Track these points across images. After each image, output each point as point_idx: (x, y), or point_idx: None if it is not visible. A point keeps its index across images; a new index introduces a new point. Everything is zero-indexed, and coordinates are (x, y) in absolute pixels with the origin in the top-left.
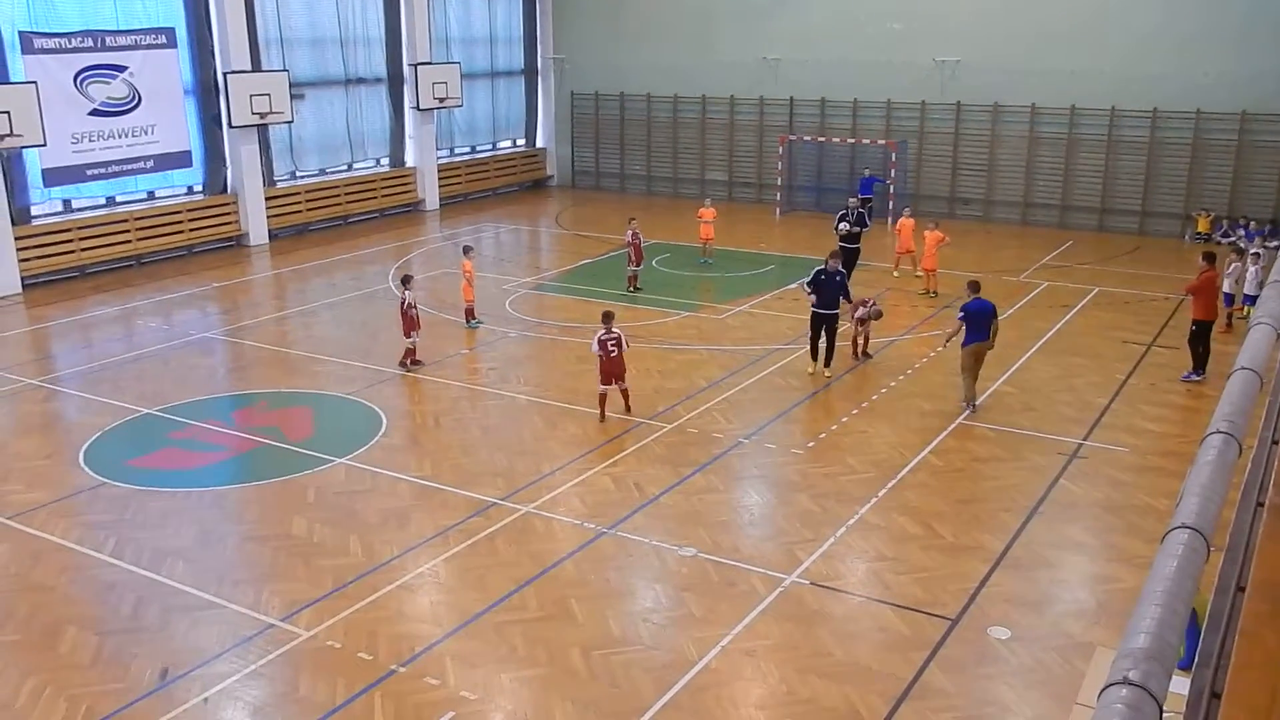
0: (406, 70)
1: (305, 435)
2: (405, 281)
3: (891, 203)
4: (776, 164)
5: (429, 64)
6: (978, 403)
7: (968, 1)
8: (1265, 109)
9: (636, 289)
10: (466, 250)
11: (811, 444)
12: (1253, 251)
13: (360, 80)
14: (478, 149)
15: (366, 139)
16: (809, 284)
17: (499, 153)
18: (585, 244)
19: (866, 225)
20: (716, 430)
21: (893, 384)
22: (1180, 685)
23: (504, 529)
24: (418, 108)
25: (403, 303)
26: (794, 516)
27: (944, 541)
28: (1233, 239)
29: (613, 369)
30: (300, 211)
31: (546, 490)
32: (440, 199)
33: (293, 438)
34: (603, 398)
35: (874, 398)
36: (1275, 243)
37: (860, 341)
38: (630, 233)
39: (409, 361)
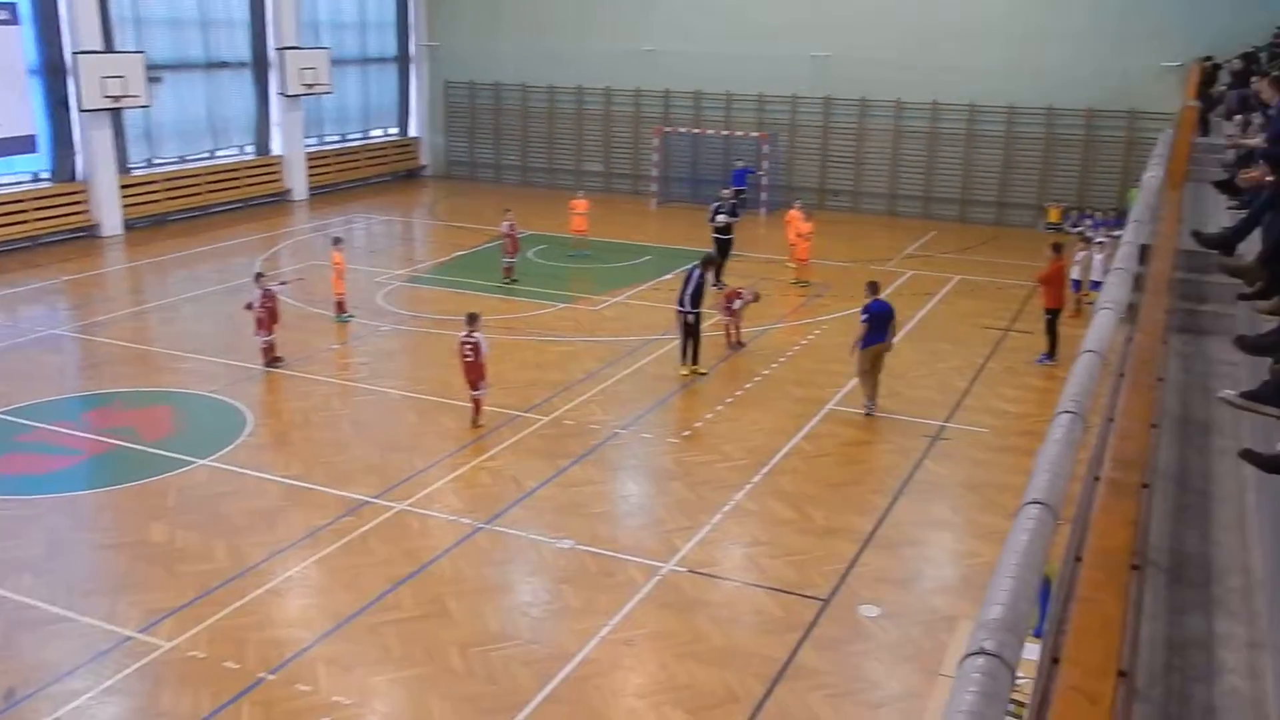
0: (272, 54)
1: (163, 435)
2: (257, 279)
3: (764, 194)
4: (652, 155)
5: (296, 48)
6: (876, 405)
7: None
8: (1109, 106)
9: (513, 281)
10: (337, 242)
11: (687, 433)
12: (1098, 241)
13: (223, 64)
14: (348, 137)
15: (230, 125)
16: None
17: (371, 141)
18: (460, 235)
19: (737, 216)
20: (593, 421)
21: (766, 372)
22: (1033, 651)
23: (377, 527)
24: (284, 94)
25: (249, 303)
26: (671, 505)
27: (816, 524)
28: (1080, 229)
29: (465, 374)
30: (158, 201)
31: (421, 486)
32: (309, 189)
33: (150, 438)
34: (475, 403)
35: (748, 386)
36: (1119, 232)
37: (734, 331)
38: (506, 224)
39: (269, 359)
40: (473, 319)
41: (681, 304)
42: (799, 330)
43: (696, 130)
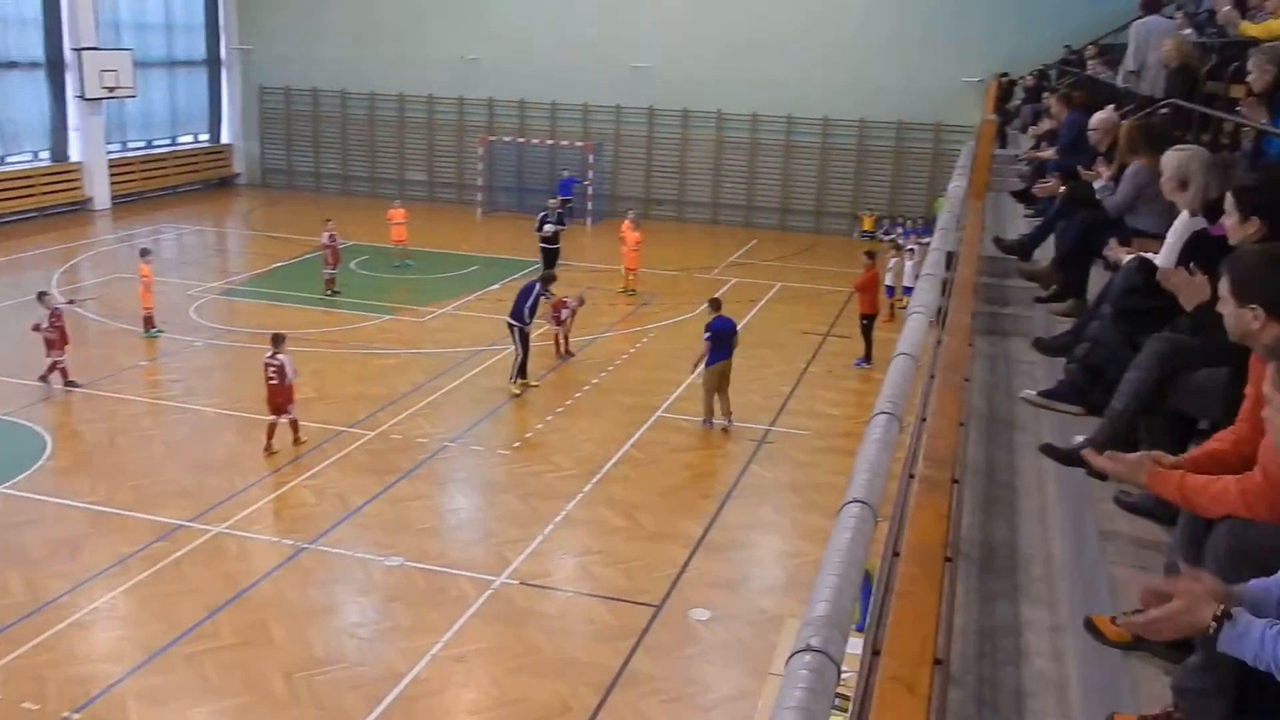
0: (69, 55)
1: None
2: (40, 298)
3: (590, 204)
4: (477, 164)
5: (95, 49)
6: (732, 419)
7: (659, 10)
8: (917, 119)
9: (334, 292)
10: (144, 253)
11: (517, 444)
12: (909, 248)
13: (13, 64)
14: (155, 143)
15: (21, 130)
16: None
17: (180, 148)
18: (278, 246)
19: (564, 225)
20: (421, 435)
21: (595, 381)
22: (857, 646)
23: (193, 552)
24: (83, 97)
25: (36, 324)
26: (502, 517)
27: (647, 531)
28: (892, 236)
29: (272, 398)
30: None
31: (240, 508)
32: (112, 197)
33: None
34: (270, 428)
35: (577, 395)
36: (928, 239)
37: (562, 341)
38: (326, 234)
39: (64, 381)
40: (278, 339)
41: (520, 319)
42: (627, 339)
43: (521, 139)
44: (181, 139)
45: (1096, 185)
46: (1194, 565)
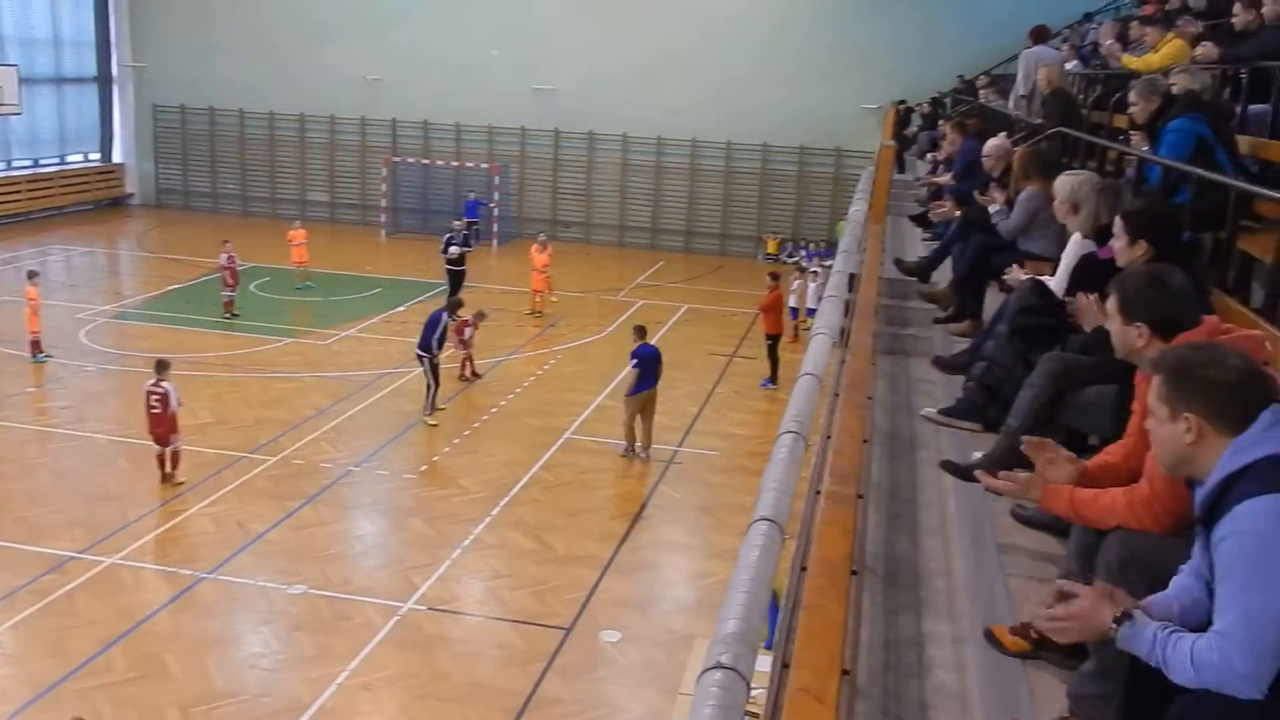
0: None
1: None
2: None
3: (496, 225)
4: (380, 185)
5: None
6: (650, 450)
7: (563, 33)
8: (818, 144)
9: (234, 315)
10: (31, 275)
11: (424, 468)
12: (812, 270)
13: None
14: (42, 162)
15: None
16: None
17: (68, 167)
18: (174, 268)
19: (470, 247)
20: (325, 460)
21: (503, 403)
22: (765, 663)
23: (85, 584)
24: None
25: None
26: (408, 542)
27: (556, 553)
28: (796, 259)
29: (154, 427)
30: None
31: (135, 537)
32: None
33: None
34: (159, 458)
35: (485, 418)
36: (830, 262)
37: (468, 364)
38: (225, 255)
39: None
40: (161, 366)
41: (429, 349)
42: (535, 361)
43: (426, 161)
44: (71, 158)
45: (991, 210)
46: (1086, 575)
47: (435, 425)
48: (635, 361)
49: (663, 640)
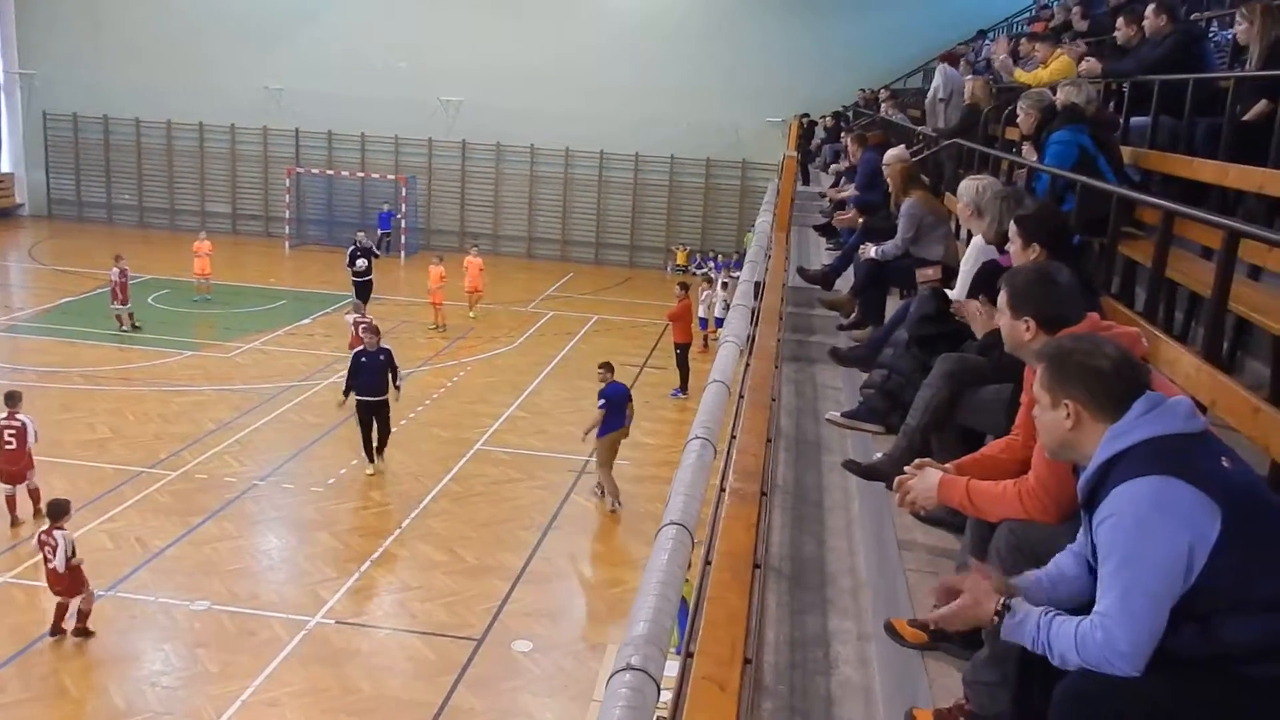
0: None
1: None
2: None
3: (404, 236)
4: (284, 196)
5: None
6: (619, 501)
7: (468, 44)
8: (725, 157)
9: (135, 327)
10: None
11: (332, 480)
12: (721, 281)
13: None
14: None
15: None
16: (350, 372)
17: None
18: (67, 280)
19: (377, 256)
20: (229, 474)
21: (412, 415)
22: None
23: None
24: None
25: None
26: (316, 556)
27: (467, 564)
28: (705, 270)
29: (9, 464)
30: None
31: (28, 555)
32: None
33: None
34: (9, 500)
35: (393, 429)
36: (738, 272)
37: None
38: (116, 270)
39: None
40: (12, 399)
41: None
42: (443, 373)
43: (330, 172)
44: None
45: (873, 253)
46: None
47: (374, 474)
48: (602, 402)
49: (574, 649)
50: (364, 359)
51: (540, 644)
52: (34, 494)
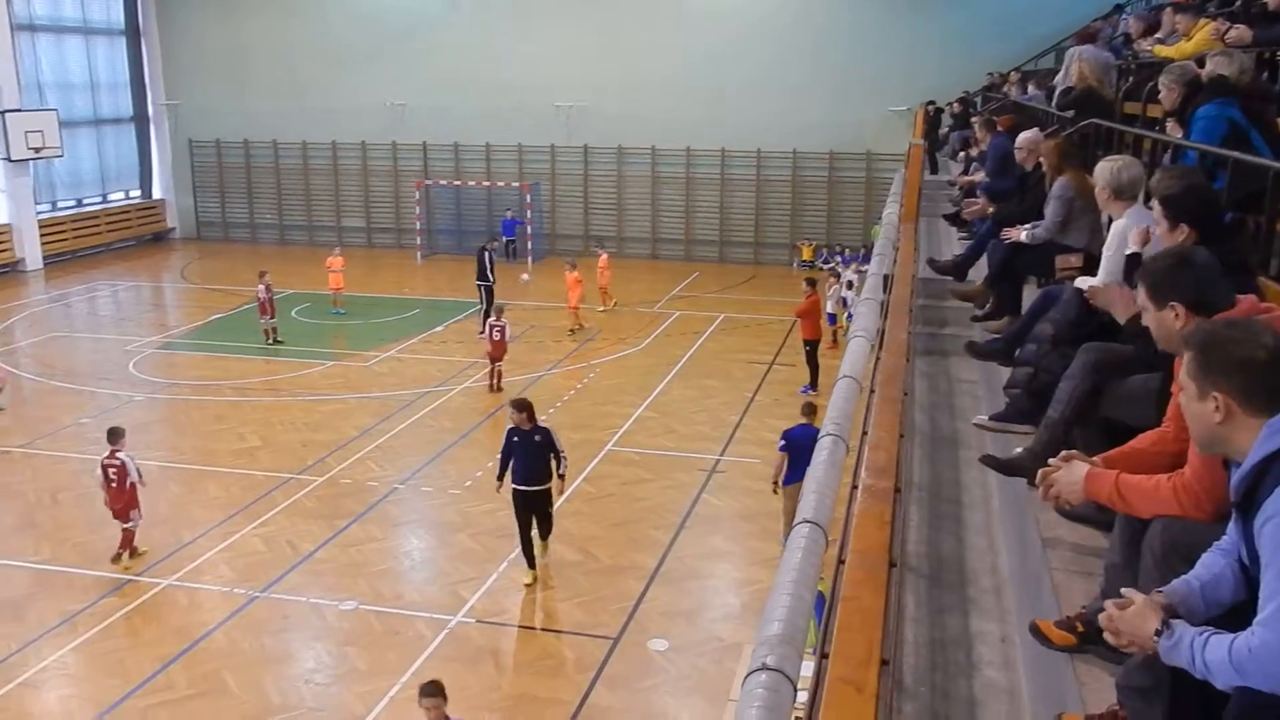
0: None
1: None
2: None
3: (530, 243)
4: (414, 208)
5: (19, 110)
6: None
7: (584, 50)
8: (848, 149)
9: (277, 341)
10: None
11: (468, 483)
12: (847, 279)
13: None
14: (85, 202)
15: None
16: (502, 454)
17: (111, 205)
18: (216, 298)
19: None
20: (371, 479)
21: (543, 418)
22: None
23: (142, 606)
24: (9, 159)
25: None
26: (455, 557)
27: (601, 564)
28: (831, 264)
29: (112, 503)
30: None
31: (189, 559)
32: (44, 257)
33: None
34: (126, 536)
35: None
36: (865, 266)
37: (496, 377)
38: (262, 287)
39: None
40: (114, 435)
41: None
42: (573, 375)
43: (458, 182)
44: (113, 196)
45: (1025, 235)
46: (1132, 565)
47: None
48: (782, 444)
49: (710, 649)
50: (516, 438)
51: (676, 643)
52: (126, 536)
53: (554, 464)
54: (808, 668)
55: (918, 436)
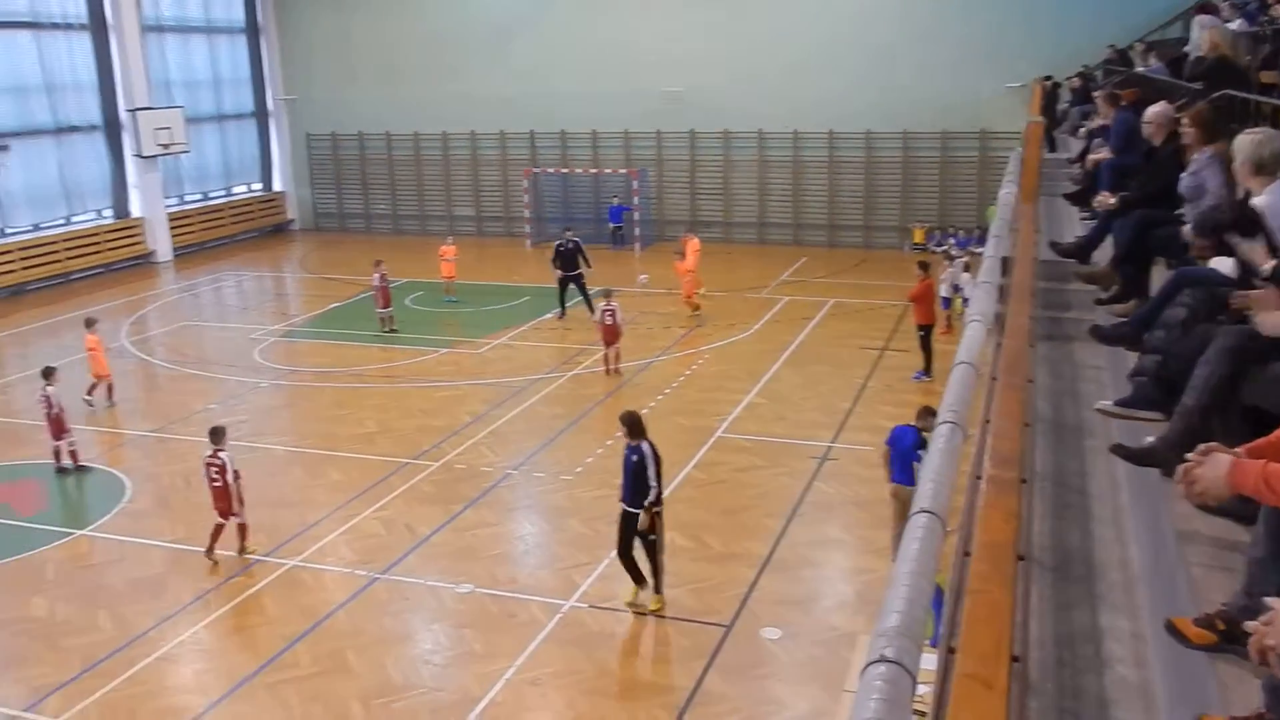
0: (124, 116)
1: (39, 508)
2: (46, 374)
3: (638, 229)
4: (523, 196)
5: (148, 109)
6: None
7: (690, 33)
8: (961, 128)
9: (393, 330)
10: (90, 323)
11: (579, 469)
12: (964, 262)
13: (73, 128)
14: (210, 195)
15: (85, 190)
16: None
17: (234, 198)
18: (334, 287)
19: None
20: (484, 464)
21: (653, 404)
22: (931, 661)
23: (269, 586)
24: (140, 155)
25: (47, 403)
26: (568, 542)
27: (713, 551)
28: (945, 247)
29: (217, 501)
30: (14, 271)
31: (313, 541)
32: (174, 249)
33: (25, 512)
34: (216, 531)
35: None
36: (980, 249)
37: (613, 361)
38: (377, 276)
39: (71, 464)
40: (217, 434)
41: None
42: (682, 361)
43: (565, 170)
44: (235, 189)
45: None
46: (1278, 558)
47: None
48: (889, 439)
49: (824, 637)
50: (626, 451)
51: (789, 632)
52: (241, 530)
53: (649, 476)
54: (927, 660)
55: (1041, 424)
